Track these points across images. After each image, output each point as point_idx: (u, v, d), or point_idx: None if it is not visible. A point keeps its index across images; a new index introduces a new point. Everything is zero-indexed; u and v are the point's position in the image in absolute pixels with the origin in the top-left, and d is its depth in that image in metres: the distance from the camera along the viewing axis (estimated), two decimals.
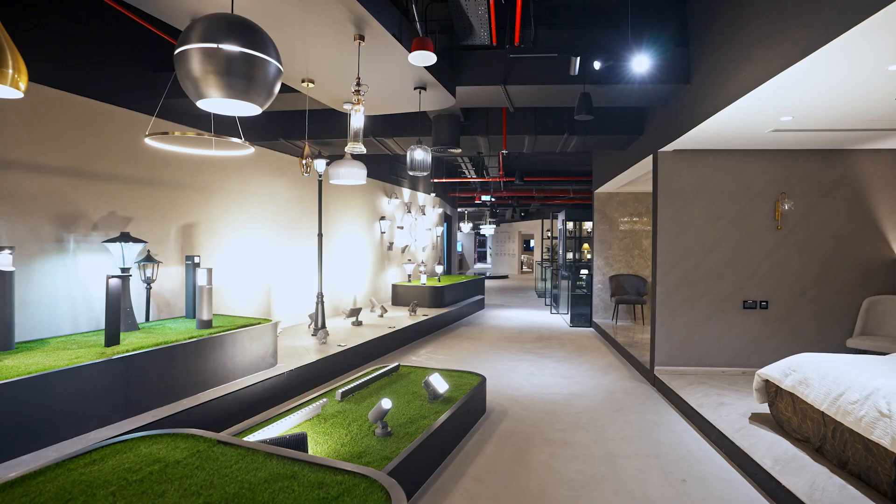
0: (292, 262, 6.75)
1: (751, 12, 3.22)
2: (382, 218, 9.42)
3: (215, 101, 1.81)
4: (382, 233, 9.48)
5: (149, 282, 4.51)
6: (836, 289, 4.92)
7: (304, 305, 6.89)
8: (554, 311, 10.64)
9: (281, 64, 1.90)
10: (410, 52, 2.95)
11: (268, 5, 2.68)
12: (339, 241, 7.94)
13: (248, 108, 1.87)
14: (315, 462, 1.62)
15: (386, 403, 2.95)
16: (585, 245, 10.90)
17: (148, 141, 3.19)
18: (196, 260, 4.74)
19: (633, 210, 8.83)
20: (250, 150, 3.34)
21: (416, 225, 11.18)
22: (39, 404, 2.70)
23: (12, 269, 3.29)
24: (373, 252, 9.18)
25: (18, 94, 1.78)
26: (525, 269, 22.84)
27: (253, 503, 1.38)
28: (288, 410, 3.25)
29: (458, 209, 17.77)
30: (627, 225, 8.86)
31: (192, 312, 4.71)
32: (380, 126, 6.14)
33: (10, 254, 3.29)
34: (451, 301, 9.47)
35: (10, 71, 1.67)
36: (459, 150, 5.83)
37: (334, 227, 7.72)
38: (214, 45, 1.69)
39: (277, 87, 1.90)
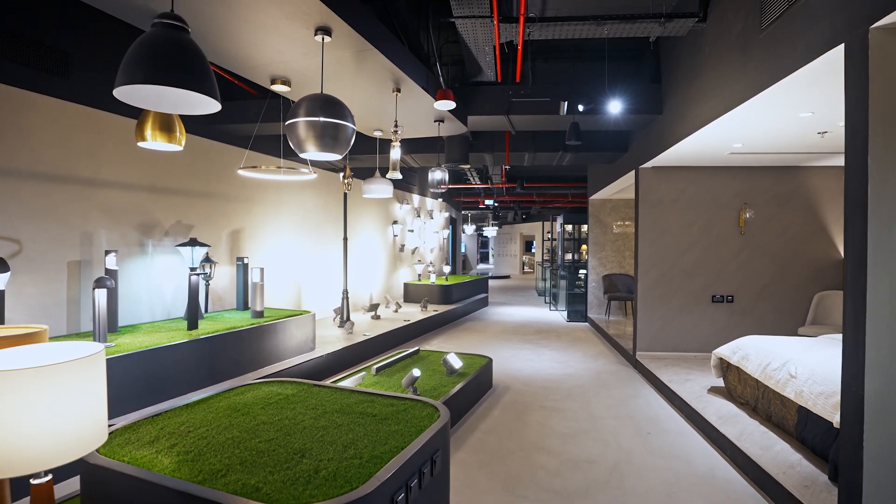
0: (317, 262, 7.60)
1: (702, 64, 4.06)
2: (395, 222, 10.27)
3: (312, 154, 2.65)
4: (395, 236, 10.32)
5: (207, 279, 5.37)
6: (791, 285, 5.75)
7: (328, 300, 7.75)
8: (553, 308, 11.47)
9: (355, 124, 2.74)
10: (436, 100, 3.79)
11: (333, 69, 3.52)
12: (358, 244, 8.80)
13: (333, 157, 2.71)
14: (385, 395, 2.45)
15: (416, 372, 3.79)
16: (584, 246, 11.68)
17: (241, 172, 4.03)
18: (245, 261, 5.60)
19: (624, 215, 9.65)
20: (313, 176, 4.16)
21: (424, 228, 12.03)
22: (153, 370, 3.54)
23: (116, 267, 4.15)
24: (386, 253, 10.03)
25: (179, 149, 2.63)
26: (527, 269, 23.57)
27: (353, 412, 2.22)
28: (335, 381, 4.09)
29: (462, 211, 18.59)
30: (620, 228, 9.68)
31: (241, 305, 5.57)
32: (401, 146, 7.00)
33: (115, 255, 4.15)
34: (458, 298, 10.31)
35: (178, 134, 2.51)
36: (468, 166, 6.68)
37: (353, 231, 8.58)
38: (316, 119, 2.53)
39: (353, 141, 2.74)
